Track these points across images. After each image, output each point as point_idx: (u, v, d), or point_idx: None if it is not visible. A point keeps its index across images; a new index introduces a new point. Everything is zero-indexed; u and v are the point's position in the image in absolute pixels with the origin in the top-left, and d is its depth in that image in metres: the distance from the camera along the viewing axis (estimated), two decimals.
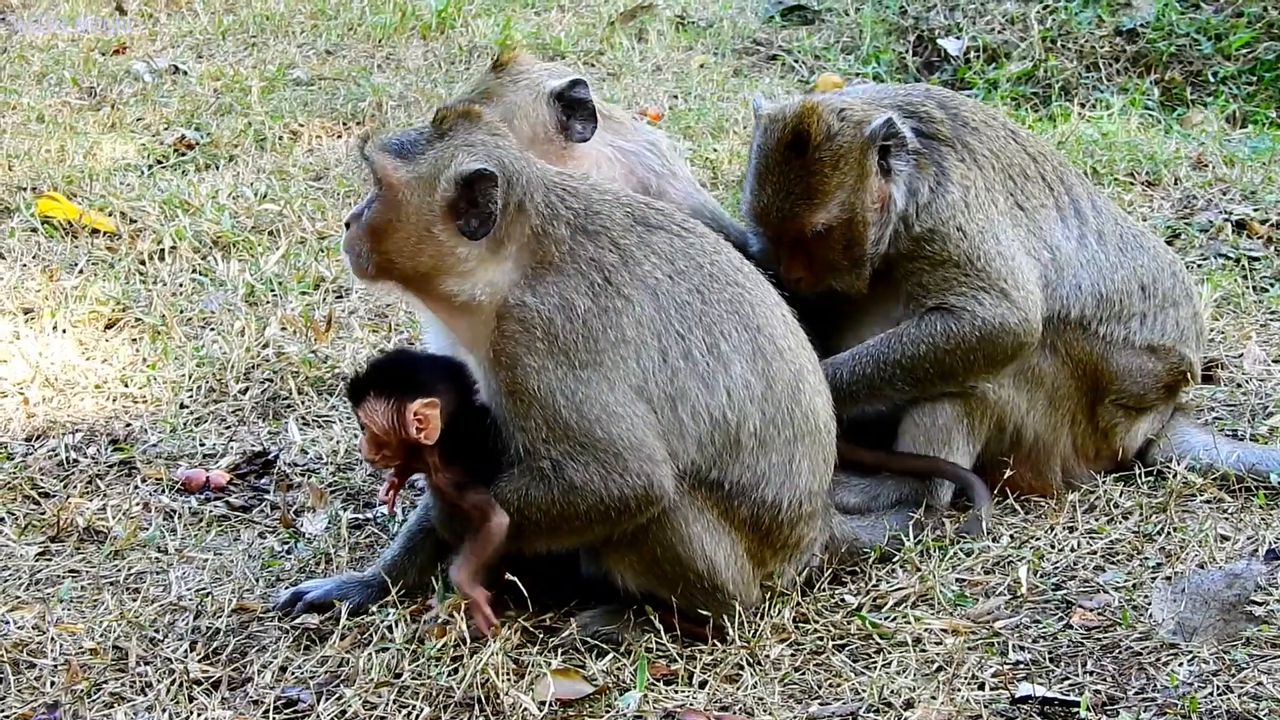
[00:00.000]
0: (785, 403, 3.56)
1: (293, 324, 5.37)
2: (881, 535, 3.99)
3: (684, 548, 3.50)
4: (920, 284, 4.05)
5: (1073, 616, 3.67)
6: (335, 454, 4.64)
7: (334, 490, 4.45)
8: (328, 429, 4.79)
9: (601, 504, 3.36)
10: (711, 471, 3.48)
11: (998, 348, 4.02)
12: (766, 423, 3.51)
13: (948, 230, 4.02)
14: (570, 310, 3.40)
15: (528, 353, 3.37)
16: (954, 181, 4.06)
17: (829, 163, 3.99)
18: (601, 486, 3.34)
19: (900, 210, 4.04)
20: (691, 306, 3.51)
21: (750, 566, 3.61)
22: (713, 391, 3.46)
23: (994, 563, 3.94)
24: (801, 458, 3.58)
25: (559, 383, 3.36)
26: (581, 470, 3.35)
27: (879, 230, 4.04)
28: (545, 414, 3.35)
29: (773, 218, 3.98)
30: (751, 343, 3.54)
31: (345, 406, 4.92)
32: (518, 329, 3.40)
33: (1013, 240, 4.07)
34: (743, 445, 3.49)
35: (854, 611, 3.72)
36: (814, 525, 3.69)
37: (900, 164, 4.04)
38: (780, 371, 3.57)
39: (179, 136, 6.92)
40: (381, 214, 3.43)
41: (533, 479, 3.39)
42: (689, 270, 3.55)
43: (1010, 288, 4.02)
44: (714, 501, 3.52)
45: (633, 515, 3.40)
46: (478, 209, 3.43)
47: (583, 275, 3.45)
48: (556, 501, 3.37)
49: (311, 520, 4.27)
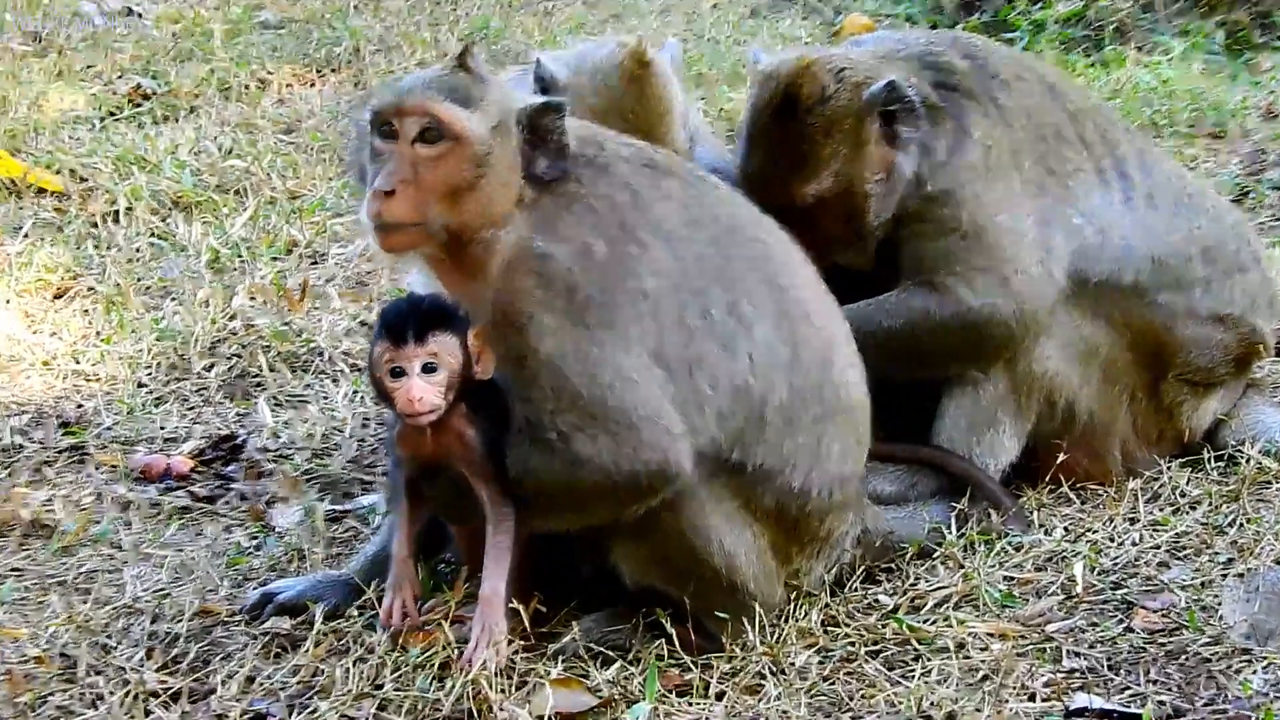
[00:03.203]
0: (814, 374, 3.52)
1: (263, 293, 5.35)
2: (920, 528, 3.96)
3: (699, 541, 3.46)
4: (917, 253, 4.03)
5: (1134, 619, 3.65)
6: (311, 438, 4.62)
7: (309, 479, 4.43)
8: (302, 410, 4.77)
9: (610, 480, 3.32)
10: (733, 452, 3.43)
11: (984, 338, 4.01)
12: (794, 396, 3.47)
13: (963, 194, 4.01)
14: (589, 258, 3.37)
15: (544, 310, 3.33)
16: (975, 140, 4.05)
17: (820, 129, 3.97)
18: (611, 461, 3.31)
19: (911, 173, 4.02)
20: (709, 260, 3.46)
21: (774, 563, 3.58)
22: (734, 356, 3.42)
23: (1046, 559, 3.91)
24: (832, 439, 3.55)
25: (573, 346, 3.31)
26: (590, 443, 3.31)
27: (882, 201, 4.02)
28: (554, 381, 3.31)
29: (761, 185, 3.96)
30: (776, 304, 3.50)
31: (321, 384, 4.93)
32: (534, 283, 3.36)
33: (1032, 214, 4.05)
34: (767, 421, 3.44)
35: (889, 613, 3.69)
36: (845, 516, 3.66)
37: (908, 130, 4.01)
38: (809, 338, 3.53)
39: (134, 86, 6.92)
40: (459, 172, 3.38)
41: (535, 449, 3.35)
42: (705, 220, 3.52)
43: (1011, 273, 4.00)
44: (734, 488, 3.49)
45: (644, 495, 3.36)
46: (546, 146, 3.44)
47: (599, 217, 3.41)
48: (560, 476, 3.34)
49: (284, 512, 4.26)
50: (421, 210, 3.37)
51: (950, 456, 4.10)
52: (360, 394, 4.89)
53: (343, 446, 4.60)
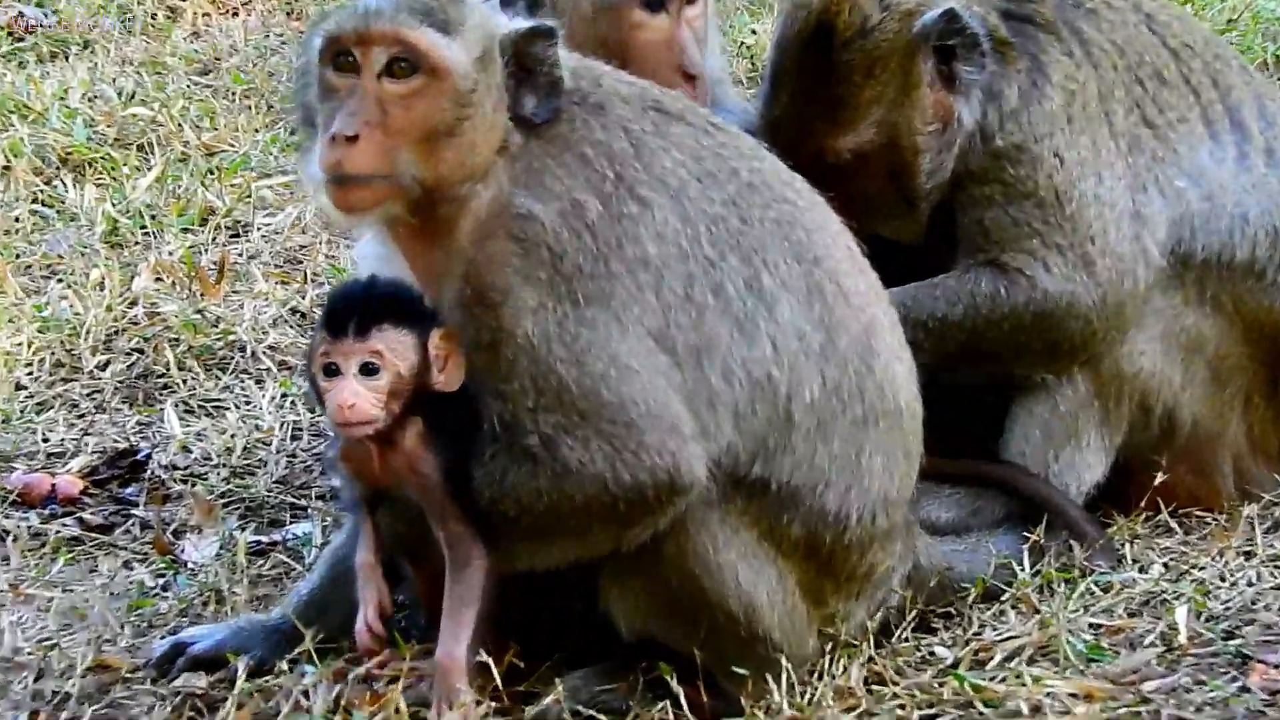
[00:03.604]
0: (853, 366, 3.51)
1: (171, 273, 5.38)
2: (985, 563, 3.98)
3: (711, 579, 3.45)
4: (980, 223, 4.05)
5: (1250, 676, 3.64)
6: (229, 453, 4.64)
7: (227, 503, 4.45)
8: (219, 418, 4.80)
9: (607, 495, 3.31)
10: (753, 465, 3.43)
11: (1059, 333, 4.04)
12: (827, 394, 3.47)
13: (1039, 151, 4.03)
14: (579, 218, 3.37)
15: (524, 284, 3.33)
16: (1055, 84, 4.07)
17: (860, 68, 3.99)
18: (607, 470, 3.30)
19: (974, 123, 4.05)
20: (725, 223, 3.47)
21: (804, 606, 3.58)
22: (752, 341, 3.42)
23: (1141, 602, 3.93)
24: (874, 450, 3.54)
25: (557, 327, 3.32)
26: (580, 448, 3.30)
27: (937, 157, 4.06)
28: (536, 371, 3.32)
29: (789, 138, 3.97)
30: (806, 278, 3.50)
31: (243, 387, 4.94)
32: (513, 250, 3.36)
33: (1123, 177, 4.08)
34: (795, 424, 3.44)
35: (948, 669, 3.68)
36: (891, 549, 3.66)
37: (970, 70, 4.03)
38: (846, 321, 3.53)
39: (14, 15, 6.93)
40: (437, 113, 3.39)
41: (512, 461, 3.34)
42: (721, 176, 3.52)
43: (1096, 253, 4.02)
44: (755, 512, 3.48)
45: (650, 512, 3.34)
46: (535, 81, 3.46)
47: (592, 168, 3.42)
48: (545, 493, 3.32)
49: (196, 544, 4.27)
50: (390, 159, 3.37)
51: (1022, 475, 4.11)
52: (290, 398, 4.91)
53: (269, 463, 4.61)
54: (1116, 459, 4.18)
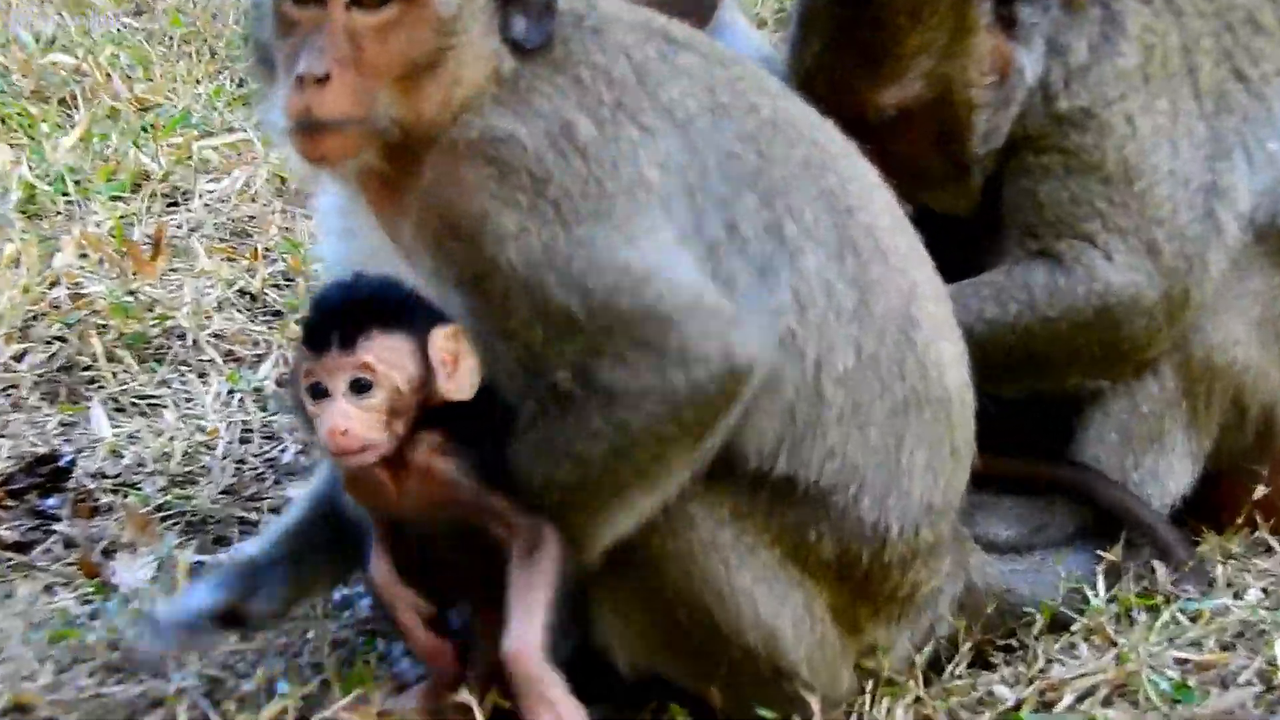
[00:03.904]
0: (891, 337, 3.52)
1: (99, 248, 5.39)
2: (1052, 586, 3.98)
3: (725, 609, 3.46)
4: (1035, 197, 4.06)
5: None
6: (167, 457, 4.64)
7: (165, 517, 4.45)
8: (155, 418, 4.80)
9: (668, 406, 3.32)
10: (779, 454, 3.44)
11: (1121, 333, 4.04)
12: (862, 368, 3.48)
13: (1109, 117, 4.03)
14: (569, 139, 3.40)
15: (501, 208, 3.36)
16: (1131, 37, 4.07)
17: (906, 9, 3.99)
18: (658, 380, 3.31)
19: (1035, 77, 4.06)
20: (741, 160, 3.49)
21: (837, 636, 3.59)
22: (771, 287, 3.44)
23: (1235, 633, 3.92)
24: (917, 444, 3.55)
25: (544, 252, 3.34)
26: (619, 367, 3.32)
27: (994, 115, 4.07)
28: (532, 300, 3.34)
29: (821, 90, 3.95)
30: (838, 229, 3.52)
31: (183, 381, 4.94)
32: (487, 174, 3.38)
33: (1204, 145, 4.09)
34: (826, 401, 3.45)
35: (1009, 712, 3.69)
36: (937, 566, 3.67)
37: (1032, 14, 4.05)
38: (884, 284, 3.54)
39: None
40: (417, 44, 3.40)
41: (553, 415, 3.36)
42: (737, 109, 3.54)
43: (1163, 237, 4.02)
44: (777, 526, 3.48)
45: (718, 409, 3.35)
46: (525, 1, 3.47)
47: (586, 90, 3.45)
48: (600, 434, 3.33)
49: (130, 565, 4.26)
50: (366, 101, 3.38)
51: (1098, 480, 4.11)
52: (239, 394, 4.91)
53: (213, 470, 4.61)
54: (1206, 466, 4.19)
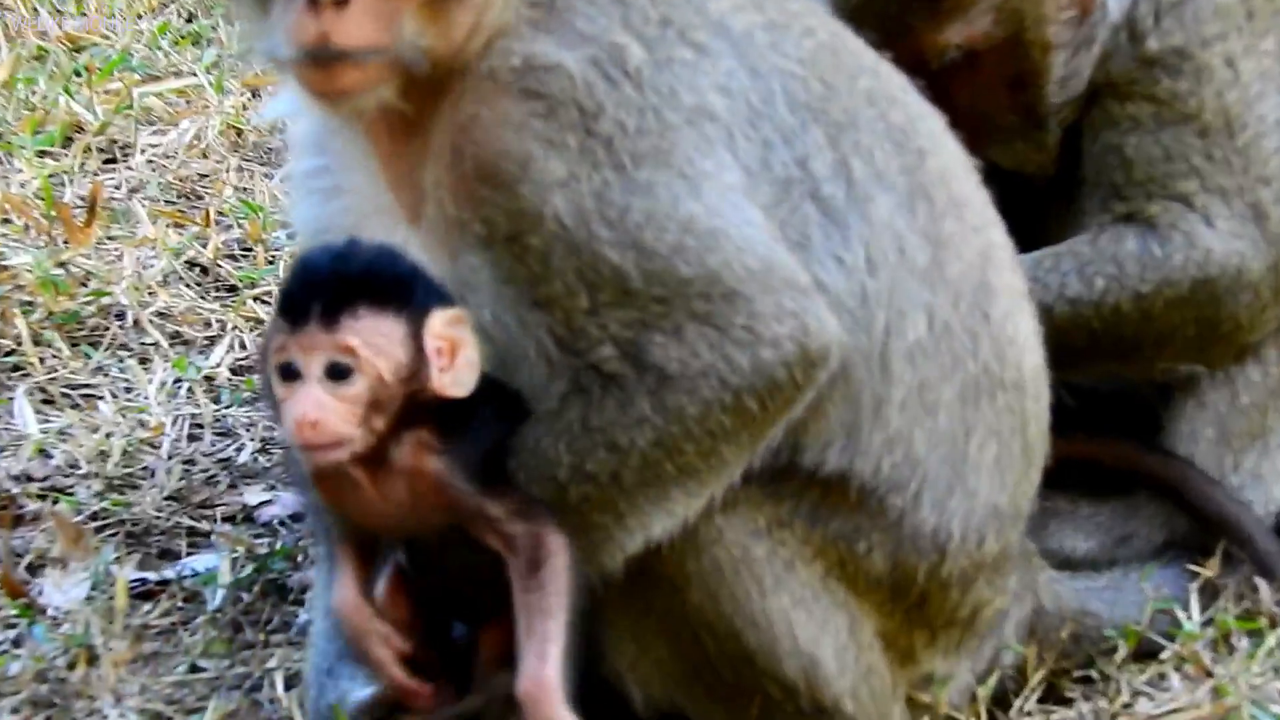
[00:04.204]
0: (966, 303, 3.54)
1: (24, 212, 5.41)
2: (1137, 608, 3.99)
3: (759, 636, 3.48)
4: (1122, 153, 4.08)
5: None
6: (104, 457, 4.66)
7: (102, 527, 4.46)
8: (90, 411, 4.82)
9: (727, 391, 3.33)
10: (830, 448, 3.45)
11: (1221, 310, 4.05)
12: (934, 338, 3.50)
13: (1206, 59, 4.05)
14: (617, 64, 3.40)
15: (547, 150, 3.36)
16: None
17: None
18: (719, 360, 3.33)
19: (1120, 14, 4.07)
20: (805, 85, 3.51)
21: (887, 667, 3.61)
22: (846, 240, 3.46)
23: None
24: (987, 437, 3.56)
25: (596, 200, 3.34)
26: (674, 343, 3.33)
27: (1073, 58, 4.08)
28: (579, 261, 3.34)
29: (875, 29, 3.91)
30: (908, 175, 3.54)
31: (122, 368, 4.96)
32: (527, 110, 3.39)
33: None
34: (893, 376, 3.46)
35: None
36: (1002, 584, 3.68)
37: None
38: (958, 242, 3.57)
39: None
40: None
41: (591, 395, 3.37)
42: (793, 30, 3.56)
43: (1270, 198, 4.04)
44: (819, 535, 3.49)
45: (787, 400, 3.36)
46: None
47: (627, 6, 3.45)
48: (646, 420, 3.34)
49: (60, 583, 4.28)
50: (391, 28, 3.38)
51: (1194, 475, 4.11)
52: (187, 384, 4.92)
53: (158, 473, 4.62)
54: None
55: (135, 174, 5.57)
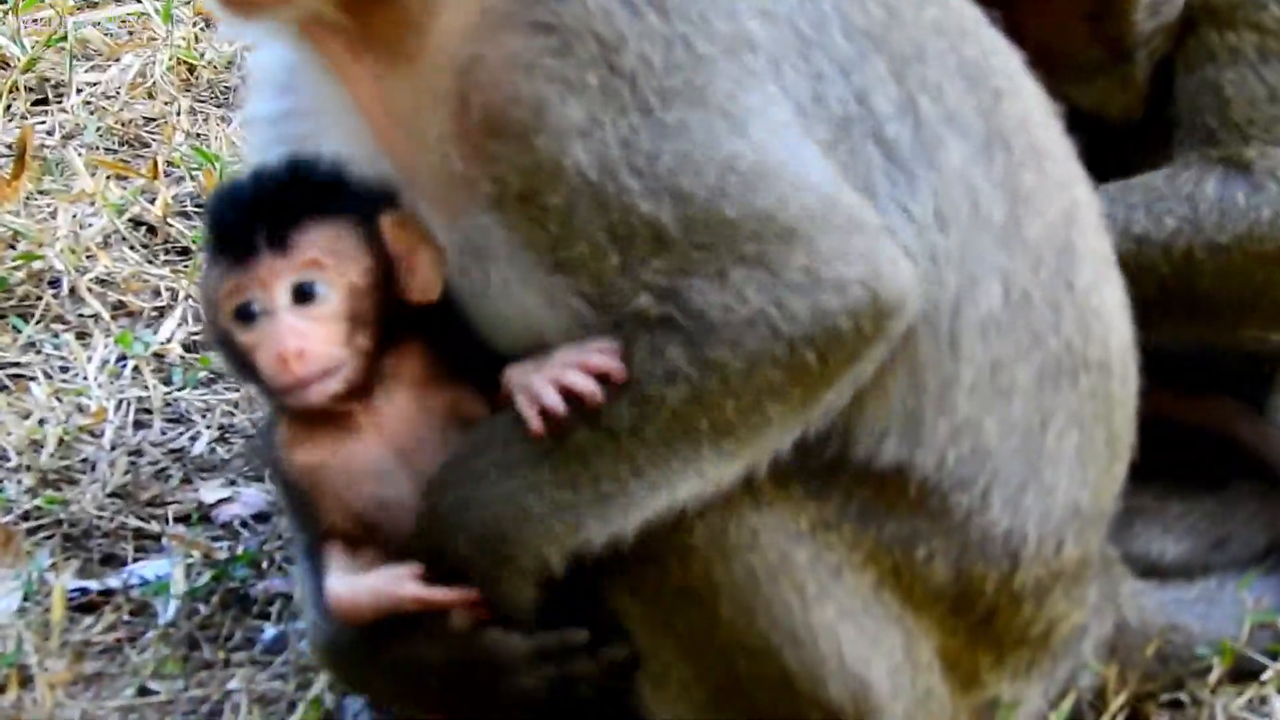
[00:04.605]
0: (1046, 271, 3.57)
1: None
2: (1235, 622, 4.04)
3: (800, 655, 3.52)
4: (1218, 88, 4.11)
5: None
6: (37, 447, 4.69)
7: (35, 528, 4.50)
8: (19, 394, 4.85)
9: (780, 343, 3.34)
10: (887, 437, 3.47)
11: None
12: (1011, 310, 3.51)
13: None
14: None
15: (564, 93, 3.37)
16: None
17: None
18: (771, 306, 3.33)
19: None
20: (864, 10, 3.52)
21: (947, 690, 3.67)
22: (914, 188, 3.48)
23: None
24: (1068, 425, 3.60)
25: (622, 148, 3.36)
26: (718, 288, 3.34)
27: None
28: (607, 218, 3.37)
29: None
30: (983, 118, 3.57)
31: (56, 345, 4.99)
32: (541, 47, 3.38)
33: None
34: (961, 354, 3.48)
35: None
36: (1081, 596, 3.74)
37: None
38: (1040, 197, 3.59)
39: None
40: None
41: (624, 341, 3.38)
42: None
43: None
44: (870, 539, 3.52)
45: (850, 355, 3.37)
46: None
47: None
48: (678, 375, 3.35)
49: None
50: None
51: None
52: (131, 361, 4.96)
53: (99, 466, 4.65)
54: None
55: (70, 117, 5.60)
